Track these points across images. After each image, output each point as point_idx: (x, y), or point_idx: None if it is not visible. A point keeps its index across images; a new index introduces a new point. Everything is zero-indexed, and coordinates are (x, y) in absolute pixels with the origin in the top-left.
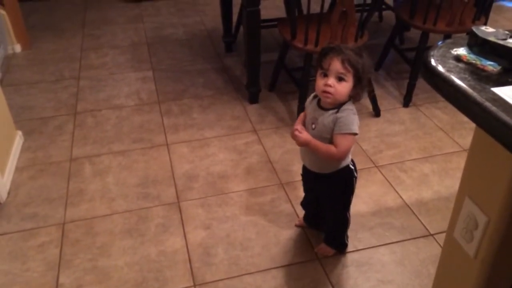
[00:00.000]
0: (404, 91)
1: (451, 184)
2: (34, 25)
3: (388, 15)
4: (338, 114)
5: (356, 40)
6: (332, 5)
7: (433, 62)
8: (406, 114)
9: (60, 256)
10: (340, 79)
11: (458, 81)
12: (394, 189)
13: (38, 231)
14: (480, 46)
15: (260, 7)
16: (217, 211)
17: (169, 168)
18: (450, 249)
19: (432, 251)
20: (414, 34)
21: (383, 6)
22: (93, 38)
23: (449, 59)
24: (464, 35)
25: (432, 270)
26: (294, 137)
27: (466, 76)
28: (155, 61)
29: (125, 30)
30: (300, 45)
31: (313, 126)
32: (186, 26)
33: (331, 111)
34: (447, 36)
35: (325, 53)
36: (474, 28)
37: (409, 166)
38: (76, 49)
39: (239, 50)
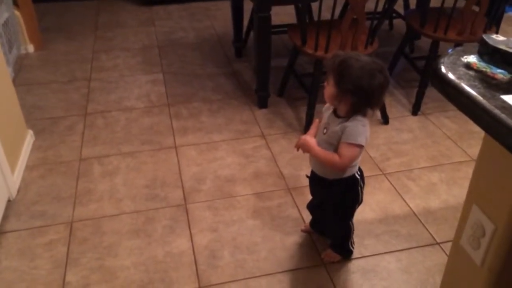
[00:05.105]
0: (413, 100)
1: (459, 193)
2: (47, 26)
3: (399, 23)
4: (347, 123)
5: (366, 47)
6: (343, 12)
7: (443, 69)
8: (415, 122)
9: (67, 255)
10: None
11: (468, 88)
12: (402, 197)
13: (47, 229)
14: (491, 54)
15: (271, 13)
16: (224, 214)
17: (177, 170)
18: (457, 257)
19: (438, 259)
20: (424, 43)
21: (394, 15)
22: (105, 40)
23: (459, 67)
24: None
25: (438, 279)
26: (299, 140)
27: (476, 83)
28: (166, 64)
29: (136, 33)
30: (310, 51)
31: (325, 130)
32: (197, 30)
33: (342, 119)
34: (457, 45)
35: None
36: (484, 36)
37: (417, 174)
38: (88, 51)
39: (248, 55)
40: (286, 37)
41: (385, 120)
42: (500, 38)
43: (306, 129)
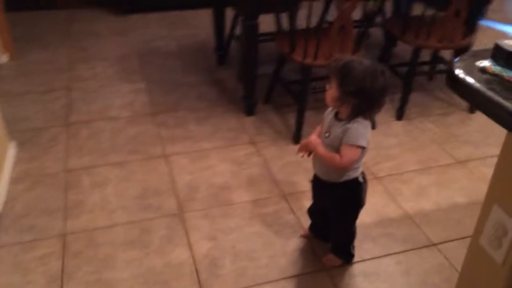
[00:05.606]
0: (396, 105)
1: (448, 195)
2: (19, 36)
3: (374, 31)
4: (348, 125)
5: (353, 54)
6: (323, 19)
7: (460, 73)
8: (400, 127)
9: (62, 269)
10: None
11: (489, 92)
12: (395, 200)
13: (38, 243)
14: (506, 58)
15: None
16: (220, 222)
17: (169, 179)
18: (476, 256)
19: (436, 260)
20: (400, 50)
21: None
22: (80, 50)
23: (474, 70)
24: (478, 49)
25: (438, 280)
26: (303, 142)
27: (495, 86)
28: (146, 74)
29: (112, 43)
30: (298, 58)
31: (327, 134)
32: (177, 39)
33: (343, 122)
34: (435, 52)
35: None
36: (498, 42)
37: (407, 177)
38: (64, 61)
39: (231, 62)
40: (268, 45)
41: (372, 125)
42: None
43: (295, 136)
